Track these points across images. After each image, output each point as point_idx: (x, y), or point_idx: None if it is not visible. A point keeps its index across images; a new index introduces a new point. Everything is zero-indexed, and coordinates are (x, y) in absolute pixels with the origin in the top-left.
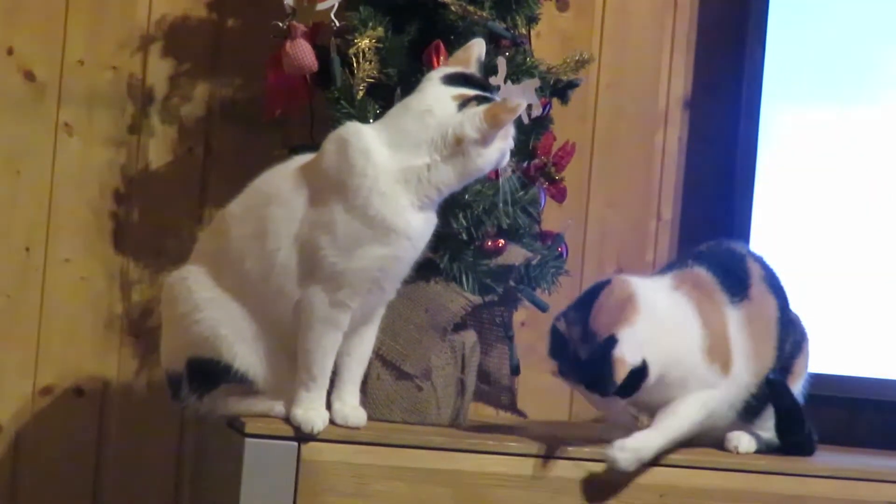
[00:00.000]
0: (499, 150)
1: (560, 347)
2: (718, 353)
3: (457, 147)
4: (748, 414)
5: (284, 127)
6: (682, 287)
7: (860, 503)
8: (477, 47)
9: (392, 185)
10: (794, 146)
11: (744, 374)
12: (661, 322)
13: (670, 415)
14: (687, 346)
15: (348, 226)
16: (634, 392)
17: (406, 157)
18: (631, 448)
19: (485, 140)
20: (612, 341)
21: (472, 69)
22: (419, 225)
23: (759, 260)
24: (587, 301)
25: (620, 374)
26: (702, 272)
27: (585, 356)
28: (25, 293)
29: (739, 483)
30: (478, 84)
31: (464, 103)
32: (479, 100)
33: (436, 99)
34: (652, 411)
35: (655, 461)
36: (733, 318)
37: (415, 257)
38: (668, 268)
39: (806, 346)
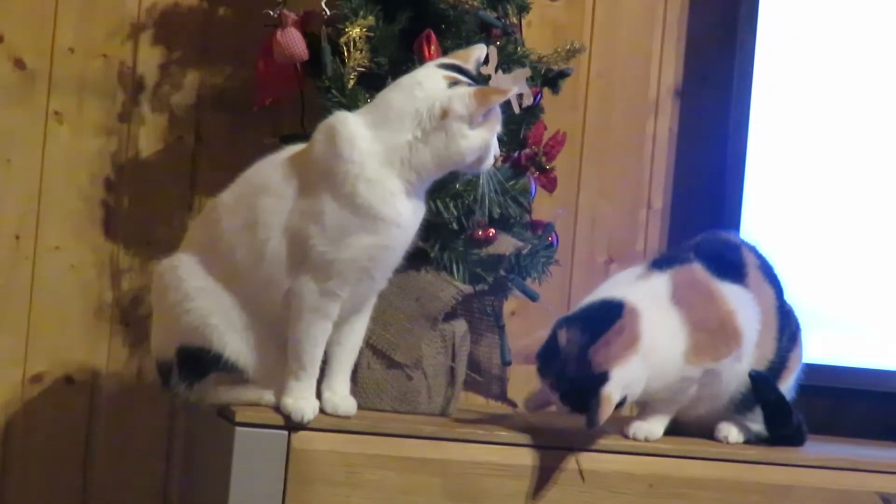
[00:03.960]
0: (482, 140)
1: (551, 355)
2: (705, 347)
3: (441, 121)
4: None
5: (275, 115)
6: (678, 292)
7: (848, 493)
8: (478, 51)
9: (378, 169)
10: (784, 135)
11: (742, 363)
12: (650, 352)
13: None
14: (667, 365)
15: (337, 215)
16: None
17: (389, 134)
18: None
19: (471, 119)
20: (604, 378)
21: (471, 66)
22: (407, 213)
23: (754, 250)
24: (596, 326)
25: (605, 412)
26: (699, 268)
27: (573, 375)
28: (15, 281)
29: (728, 473)
30: (471, 77)
31: (454, 83)
32: (470, 85)
33: (426, 76)
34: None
35: (645, 451)
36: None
37: (405, 246)
38: (667, 262)
39: (800, 336)
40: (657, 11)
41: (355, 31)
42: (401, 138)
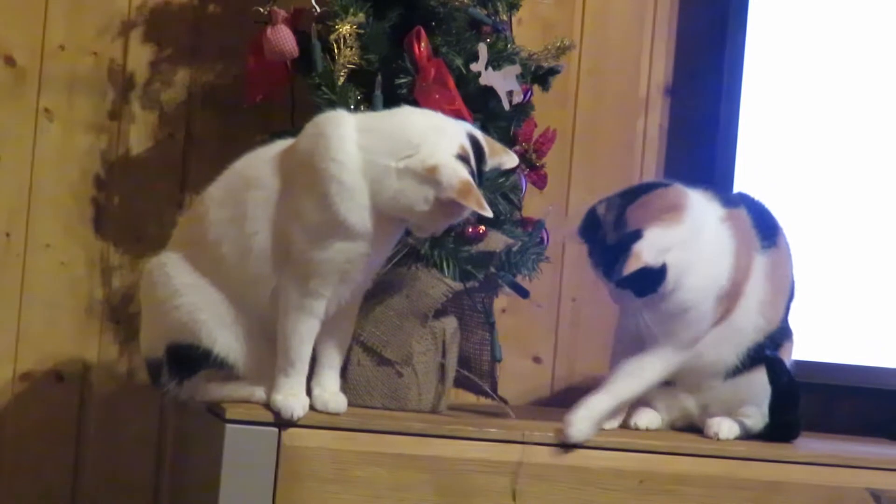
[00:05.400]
0: (436, 216)
1: (591, 229)
2: (727, 301)
3: (422, 174)
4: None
5: (265, 113)
6: (729, 221)
7: (838, 489)
8: (508, 160)
9: (354, 176)
10: (774, 131)
11: (751, 317)
12: (700, 246)
13: (625, 376)
14: (711, 282)
15: (313, 214)
16: (647, 292)
17: (378, 146)
18: (582, 418)
19: (439, 196)
20: (636, 235)
21: (491, 161)
22: (372, 227)
23: (781, 226)
24: (635, 193)
25: (630, 267)
26: (743, 213)
27: (611, 242)
28: (5, 278)
29: (719, 469)
30: (480, 171)
31: (461, 158)
32: (472, 173)
33: (451, 134)
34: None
35: (635, 447)
36: (759, 264)
37: (382, 254)
38: (717, 197)
39: (792, 338)
40: (647, 9)
41: (345, 28)
42: (384, 160)
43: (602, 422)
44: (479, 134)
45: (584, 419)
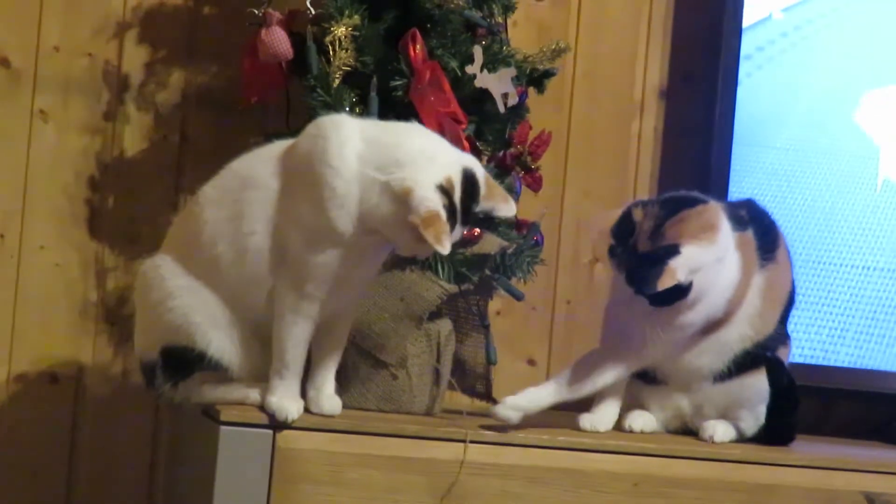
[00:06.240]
0: (401, 238)
1: (625, 231)
2: (714, 325)
3: (398, 192)
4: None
5: (260, 115)
6: (739, 250)
7: (834, 492)
8: (508, 209)
9: (348, 186)
10: (770, 136)
11: (738, 329)
12: (719, 270)
13: (579, 374)
14: (711, 309)
15: (310, 217)
16: (664, 304)
17: (374, 160)
18: (520, 407)
19: (408, 216)
20: (674, 250)
21: (484, 203)
22: (358, 237)
23: (783, 233)
24: (675, 204)
25: (665, 283)
26: (749, 236)
27: (644, 250)
28: (0, 280)
29: (713, 472)
30: (467, 209)
31: (443, 189)
32: (450, 210)
33: (445, 162)
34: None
35: (630, 450)
36: (755, 283)
37: (369, 264)
38: (729, 215)
39: (789, 343)
40: (642, 12)
41: (341, 31)
42: (373, 172)
43: (536, 411)
44: (480, 173)
45: (517, 408)
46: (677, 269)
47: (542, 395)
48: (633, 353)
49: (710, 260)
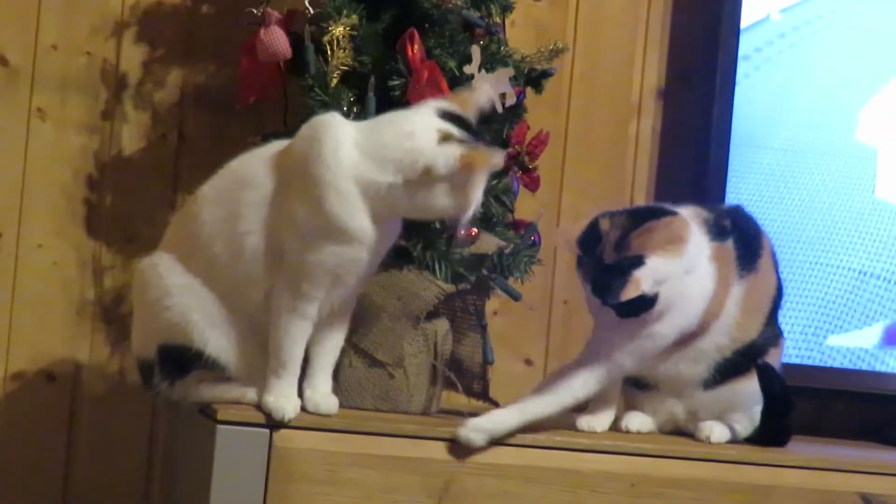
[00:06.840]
0: (463, 199)
1: (591, 241)
2: (688, 338)
3: (424, 177)
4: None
5: (258, 114)
6: (715, 262)
7: (830, 493)
8: (483, 95)
9: (350, 185)
10: (767, 137)
11: (714, 339)
12: (689, 282)
13: (540, 396)
14: (684, 321)
15: (306, 217)
16: (630, 315)
17: (372, 168)
18: (484, 429)
19: (452, 181)
20: (639, 261)
21: (470, 114)
22: (372, 232)
23: (769, 238)
24: (642, 215)
25: (629, 293)
26: (729, 246)
27: (610, 261)
28: None
29: (710, 472)
30: (469, 129)
31: (445, 139)
32: (463, 142)
33: (421, 127)
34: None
35: (627, 450)
36: (733, 295)
37: (376, 258)
38: (708, 224)
39: (782, 342)
40: (640, 12)
41: (339, 30)
42: (382, 178)
43: (502, 434)
44: (445, 104)
45: (481, 430)
46: (641, 280)
47: (506, 418)
48: (603, 365)
49: (676, 271)
